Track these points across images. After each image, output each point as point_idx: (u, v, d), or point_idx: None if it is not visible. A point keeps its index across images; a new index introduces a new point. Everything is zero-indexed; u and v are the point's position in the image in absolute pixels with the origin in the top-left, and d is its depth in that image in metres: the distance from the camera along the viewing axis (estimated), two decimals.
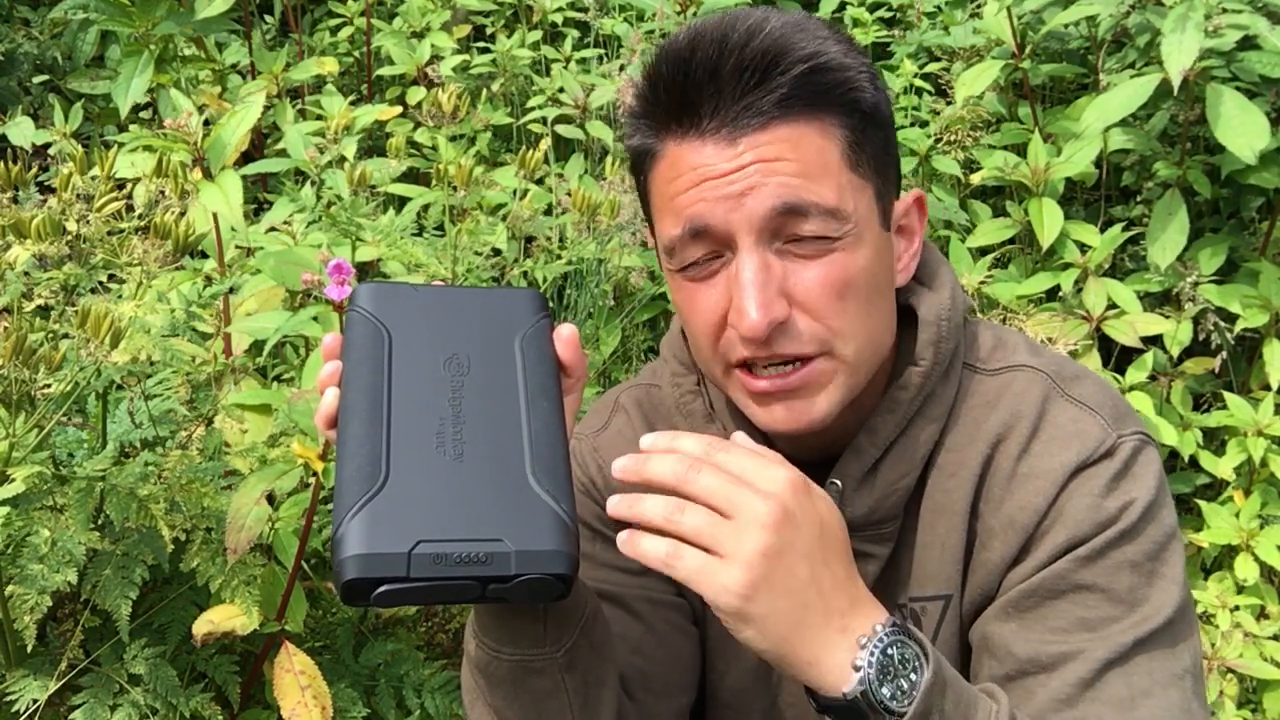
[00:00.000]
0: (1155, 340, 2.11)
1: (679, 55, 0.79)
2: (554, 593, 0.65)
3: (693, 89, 0.78)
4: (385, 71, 2.93)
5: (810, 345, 0.79)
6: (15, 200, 1.30)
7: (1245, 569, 1.97)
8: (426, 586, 0.62)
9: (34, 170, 1.62)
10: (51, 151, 2.61)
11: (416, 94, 2.77)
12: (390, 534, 0.62)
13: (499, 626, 0.77)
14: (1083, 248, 2.14)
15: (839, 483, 0.86)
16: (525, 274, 1.66)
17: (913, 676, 0.68)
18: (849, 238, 0.79)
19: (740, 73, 0.77)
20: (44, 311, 1.40)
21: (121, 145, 1.81)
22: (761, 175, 0.77)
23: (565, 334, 0.76)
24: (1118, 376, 2.07)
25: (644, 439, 0.72)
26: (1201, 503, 2.06)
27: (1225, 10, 1.92)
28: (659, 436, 0.71)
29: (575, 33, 3.02)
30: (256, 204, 2.71)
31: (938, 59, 2.72)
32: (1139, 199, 2.34)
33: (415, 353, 0.72)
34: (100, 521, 1.39)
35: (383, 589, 0.61)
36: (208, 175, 1.52)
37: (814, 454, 0.90)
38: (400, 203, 2.41)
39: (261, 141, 2.84)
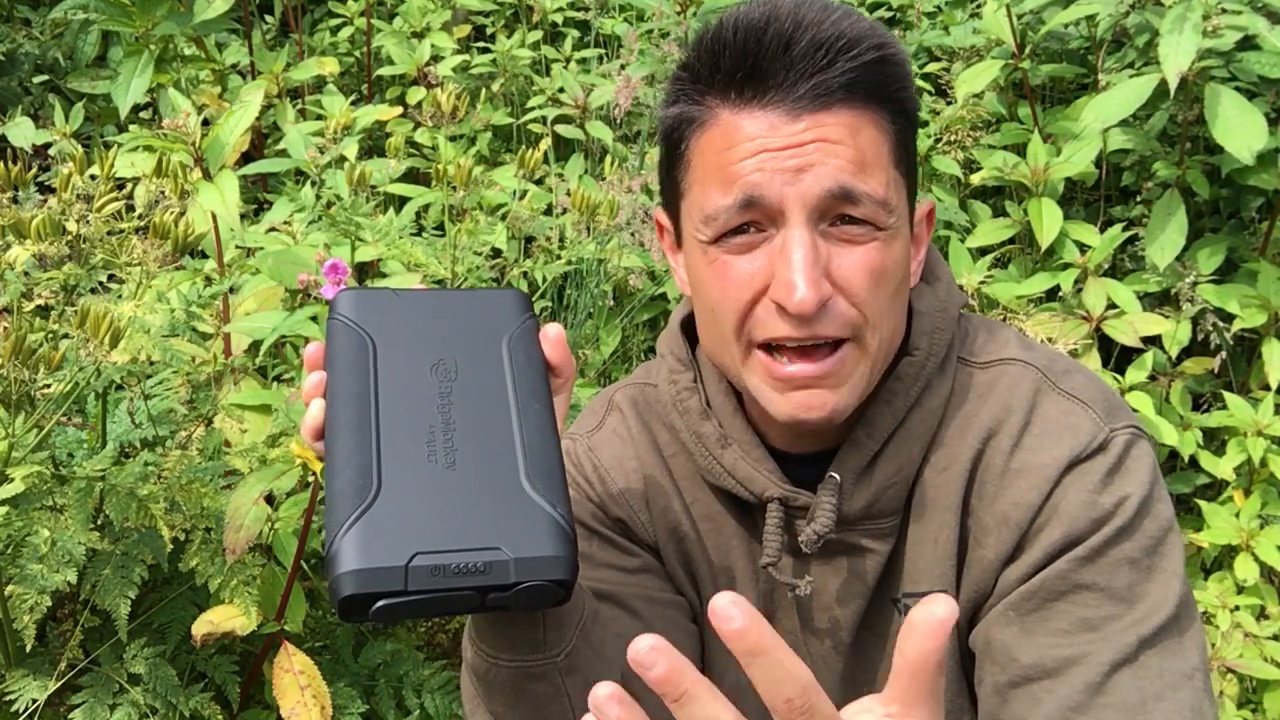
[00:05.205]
0: (1155, 340, 2.11)
1: (753, 24, 0.78)
2: (555, 598, 0.63)
3: (765, 59, 0.78)
4: (385, 71, 2.93)
5: (844, 329, 0.79)
6: (15, 200, 1.30)
7: (1245, 569, 1.97)
8: (425, 599, 0.60)
9: (34, 170, 1.62)
10: (51, 151, 2.61)
11: (416, 94, 2.77)
12: (385, 547, 0.61)
13: (496, 633, 0.76)
14: (1082, 248, 2.14)
15: (837, 476, 0.86)
16: (525, 274, 1.65)
17: None
18: (891, 230, 0.80)
19: (815, 49, 0.77)
20: (44, 311, 1.40)
21: (121, 145, 1.81)
22: (821, 155, 0.77)
23: (552, 334, 0.75)
24: (1118, 376, 2.07)
25: None
26: (1201, 503, 2.06)
27: (1224, 10, 1.92)
28: None
29: (575, 33, 3.02)
30: (257, 204, 2.72)
31: (938, 59, 2.72)
32: (1138, 199, 2.34)
33: (401, 359, 0.71)
34: (100, 521, 1.39)
35: (381, 604, 0.60)
36: (207, 175, 1.53)
37: (810, 448, 0.90)
38: (400, 203, 2.41)
39: (262, 141, 2.84)
